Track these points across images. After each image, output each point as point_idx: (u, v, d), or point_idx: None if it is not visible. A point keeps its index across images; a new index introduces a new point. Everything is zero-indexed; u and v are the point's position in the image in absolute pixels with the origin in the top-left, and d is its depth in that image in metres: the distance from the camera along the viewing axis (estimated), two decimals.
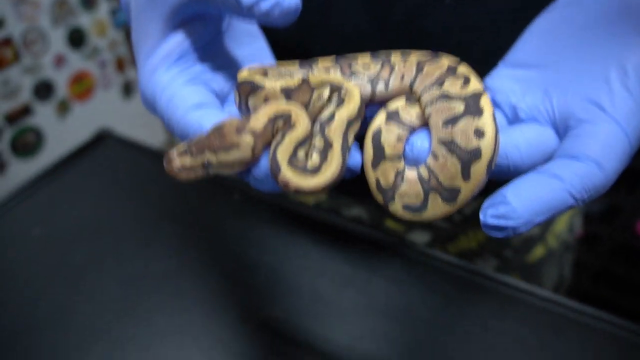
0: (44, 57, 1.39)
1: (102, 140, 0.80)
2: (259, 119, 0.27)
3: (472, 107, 0.26)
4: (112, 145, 0.80)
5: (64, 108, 1.48)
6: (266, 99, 0.28)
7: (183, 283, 0.57)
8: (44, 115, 1.43)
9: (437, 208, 0.27)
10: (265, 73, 0.30)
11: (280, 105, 0.28)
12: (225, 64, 0.34)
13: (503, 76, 0.33)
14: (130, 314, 0.55)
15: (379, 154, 0.29)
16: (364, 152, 0.30)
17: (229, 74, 0.34)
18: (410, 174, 0.29)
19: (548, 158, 0.29)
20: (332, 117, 0.27)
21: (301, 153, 0.27)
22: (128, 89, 1.69)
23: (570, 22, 0.31)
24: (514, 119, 0.31)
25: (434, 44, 0.45)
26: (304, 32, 0.47)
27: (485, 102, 0.27)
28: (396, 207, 0.29)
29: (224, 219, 0.66)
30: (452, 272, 0.57)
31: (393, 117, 0.29)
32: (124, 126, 1.16)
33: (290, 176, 0.26)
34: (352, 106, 0.28)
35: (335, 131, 0.27)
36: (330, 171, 0.26)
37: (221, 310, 0.54)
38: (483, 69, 0.35)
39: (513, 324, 0.52)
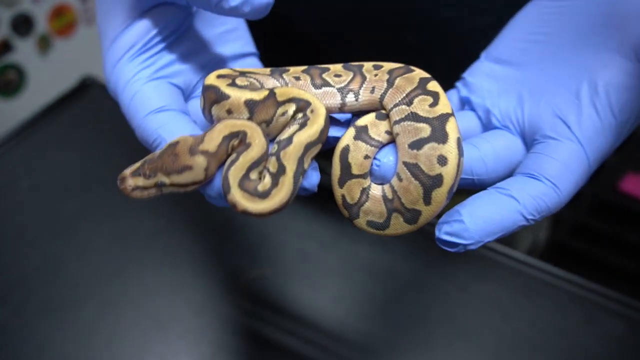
0: None
1: (86, 87, 0.78)
2: (213, 138, 0.27)
3: (438, 131, 0.27)
4: (96, 92, 0.78)
5: (45, 44, 1.42)
6: (229, 111, 0.28)
7: (173, 241, 0.59)
8: (24, 52, 1.38)
9: (398, 227, 0.29)
10: (233, 80, 0.29)
11: (236, 123, 0.27)
12: (195, 48, 0.33)
13: (483, 72, 0.33)
14: (122, 270, 0.56)
15: (346, 172, 0.29)
16: (332, 168, 0.30)
17: (198, 62, 0.33)
18: (375, 192, 0.30)
19: (514, 168, 0.30)
20: (290, 140, 0.27)
21: (254, 174, 0.27)
22: None
23: (554, 23, 0.31)
24: (488, 123, 0.32)
25: (420, 23, 0.44)
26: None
27: (451, 128, 0.27)
28: (360, 222, 0.30)
29: None
30: (433, 234, 0.59)
31: (361, 134, 0.29)
32: None
33: (239, 198, 0.26)
34: (313, 130, 0.28)
35: (291, 156, 0.27)
36: (278, 197, 0.26)
37: (210, 269, 0.56)
38: (467, 47, 0.35)
39: (490, 285, 0.55)
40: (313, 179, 0.29)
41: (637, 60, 0.27)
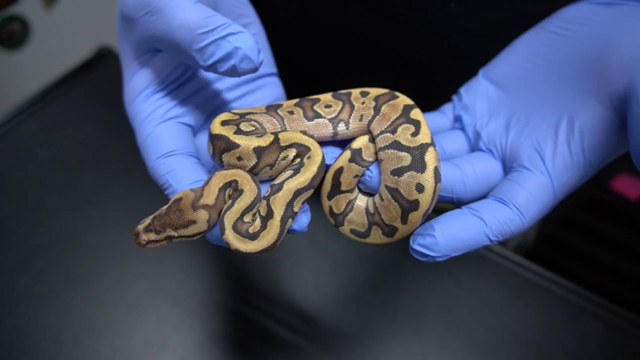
0: None
1: (102, 58, 0.79)
2: (211, 192, 0.30)
3: (417, 161, 0.30)
4: (112, 63, 0.79)
5: None
6: (239, 158, 0.30)
7: None
8: (29, 4, 1.35)
9: (377, 238, 0.32)
10: (238, 126, 0.31)
11: (227, 173, 0.30)
12: (210, 78, 0.34)
13: (478, 91, 0.36)
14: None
15: (335, 189, 0.33)
16: (322, 183, 0.33)
17: (206, 95, 0.34)
18: (360, 204, 0.33)
19: (491, 190, 0.33)
20: (281, 186, 0.30)
21: (248, 217, 0.30)
22: None
23: (548, 56, 0.33)
24: (475, 144, 0.35)
25: (435, 45, 0.46)
26: (305, 20, 0.47)
27: (429, 158, 0.30)
28: (345, 229, 0.34)
29: None
30: None
31: (356, 157, 0.32)
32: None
33: (231, 239, 0.29)
34: (304, 177, 0.30)
35: (279, 201, 0.30)
36: (266, 240, 0.30)
37: (221, 250, 0.59)
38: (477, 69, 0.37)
39: (484, 283, 0.59)
40: (303, 221, 0.31)
41: (612, 107, 0.30)
